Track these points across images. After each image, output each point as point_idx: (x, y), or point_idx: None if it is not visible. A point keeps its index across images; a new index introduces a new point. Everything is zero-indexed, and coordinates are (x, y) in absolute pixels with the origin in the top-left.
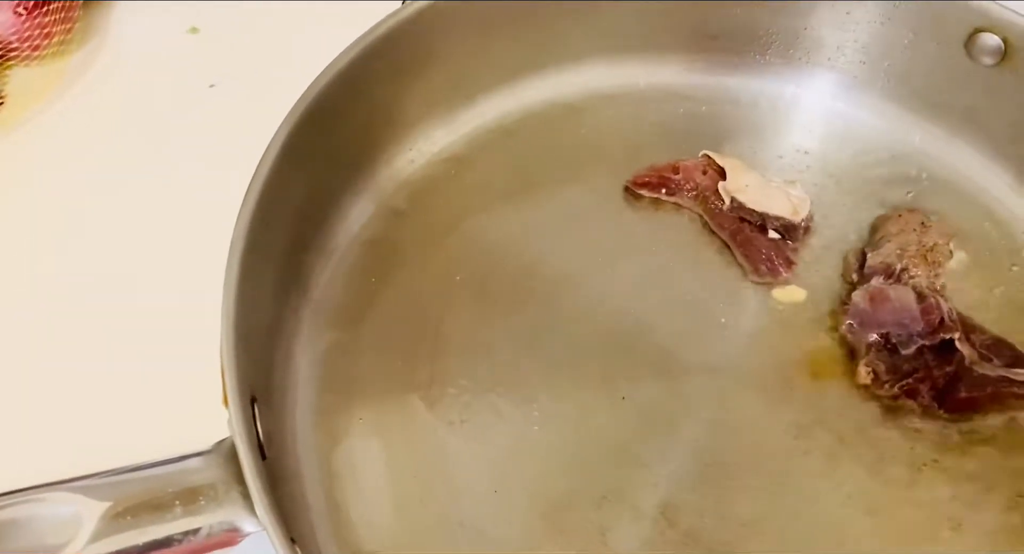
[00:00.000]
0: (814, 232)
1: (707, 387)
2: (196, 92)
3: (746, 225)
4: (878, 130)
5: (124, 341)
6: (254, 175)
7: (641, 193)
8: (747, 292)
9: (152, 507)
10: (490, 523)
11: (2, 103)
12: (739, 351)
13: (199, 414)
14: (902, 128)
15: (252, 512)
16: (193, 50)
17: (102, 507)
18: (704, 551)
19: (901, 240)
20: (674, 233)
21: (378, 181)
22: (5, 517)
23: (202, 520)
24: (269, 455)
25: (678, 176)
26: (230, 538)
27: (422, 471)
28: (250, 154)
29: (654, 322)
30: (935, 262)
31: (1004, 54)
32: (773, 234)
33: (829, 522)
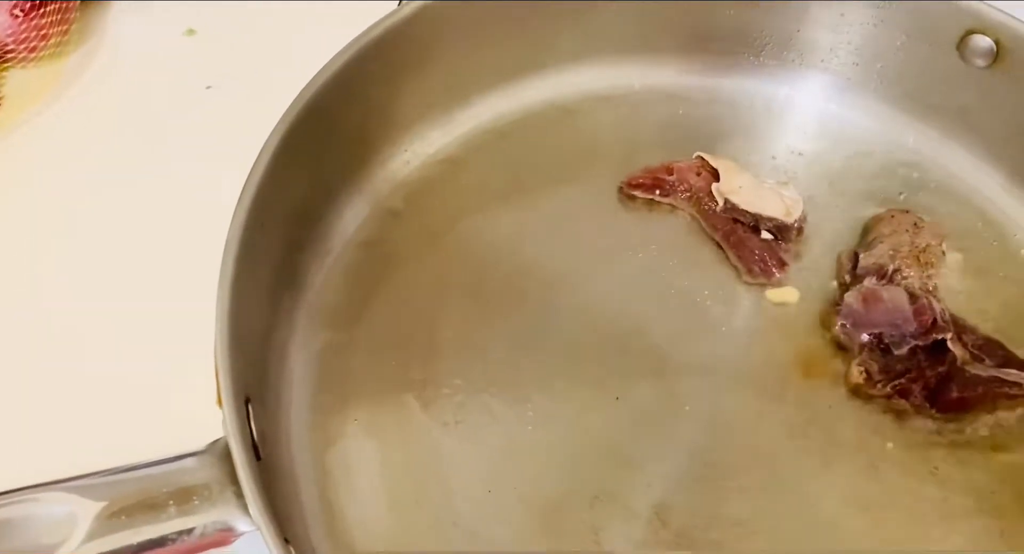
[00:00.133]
0: (807, 233)
1: (700, 387)
2: (193, 93)
3: (739, 226)
4: (871, 131)
5: (119, 341)
6: (249, 176)
7: (635, 194)
8: (740, 293)
9: (146, 507)
10: (484, 523)
11: None
12: (733, 351)
13: (193, 414)
14: (895, 129)
15: (246, 512)
16: (190, 51)
17: (97, 507)
18: (697, 551)
19: (894, 241)
20: (668, 234)
21: (373, 182)
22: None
23: (196, 520)
24: (263, 455)
25: (672, 177)
26: (224, 538)
27: (416, 471)
28: (247, 155)
29: (648, 323)
30: (928, 263)
31: (996, 56)
32: (766, 235)
33: (822, 521)
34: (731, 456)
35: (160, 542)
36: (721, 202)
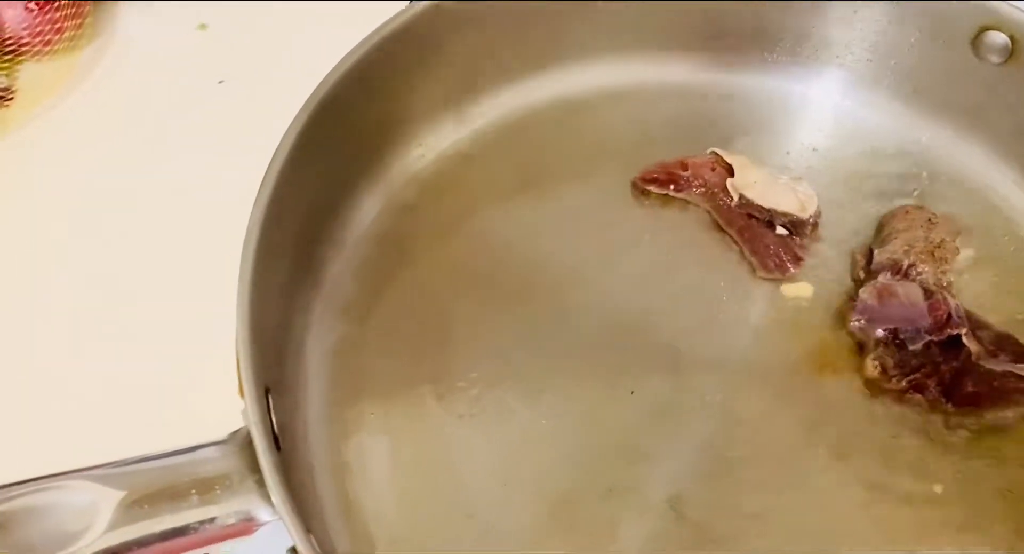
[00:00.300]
0: (822, 228)
1: (715, 382)
2: (205, 87)
3: (754, 221)
4: (885, 128)
5: (143, 334)
6: (267, 170)
7: (649, 189)
8: (755, 288)
9: (168, 496)
10: (498, 515)
11: (13, 98)
12: (747, 346)
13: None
14: (909, 126)
15: (268, 501)
16: (202, 46)
17: (119, 496)
18: (711, 544)
19: (908, 237)
20: (682, 229)
21: (388, 176)
22: (24, 504)
23: (218, 509)
24: (283, 446)
25: (686, 172)
26: (246, 527)
27: (431, 464)
28: (259, 150)
29: (662, 317)
30: (942, 258)
31: (1011, 52)
32: (781, 230)
33: (836, 516)
34: (746, 450)
35: (182, 531)
36: (736, 197)
